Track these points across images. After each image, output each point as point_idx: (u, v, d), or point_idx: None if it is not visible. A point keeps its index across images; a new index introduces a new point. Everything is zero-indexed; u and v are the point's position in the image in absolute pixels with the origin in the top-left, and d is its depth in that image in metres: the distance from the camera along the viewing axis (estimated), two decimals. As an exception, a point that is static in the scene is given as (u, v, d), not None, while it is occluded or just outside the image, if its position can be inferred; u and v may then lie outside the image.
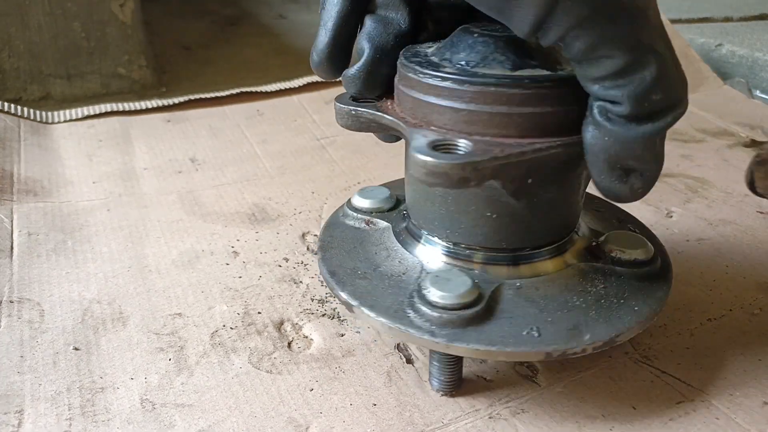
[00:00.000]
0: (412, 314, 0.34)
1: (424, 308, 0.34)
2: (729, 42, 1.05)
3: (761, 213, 0.61)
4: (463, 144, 0.31)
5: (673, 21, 1.09)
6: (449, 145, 0.31)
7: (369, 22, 0.37)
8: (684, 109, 0.31)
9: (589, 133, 0.31)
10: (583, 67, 0.29)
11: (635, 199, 0.33)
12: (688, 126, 0.82)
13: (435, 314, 0.33)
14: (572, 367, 0.42)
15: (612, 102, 0.30)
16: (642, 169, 0.32)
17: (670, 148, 0.74)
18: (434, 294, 0.34)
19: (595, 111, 0.30)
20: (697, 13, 1.25)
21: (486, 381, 0.41)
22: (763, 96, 0.96)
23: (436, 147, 0.31)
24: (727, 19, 1.23)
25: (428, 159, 0.30)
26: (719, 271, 0.52)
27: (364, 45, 0.37)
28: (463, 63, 0.34)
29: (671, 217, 0.60)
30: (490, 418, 0.38)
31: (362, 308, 0.36)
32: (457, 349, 0.33)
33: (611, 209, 0.47)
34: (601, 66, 0.28)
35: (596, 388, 0.40)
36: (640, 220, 0.46)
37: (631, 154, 0.31)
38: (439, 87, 0.33)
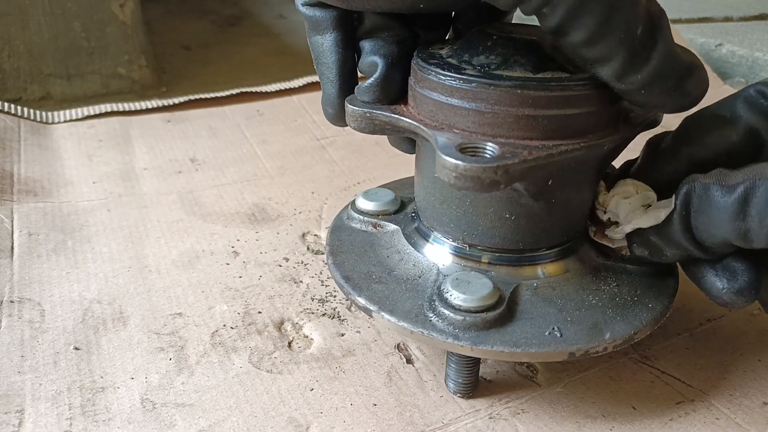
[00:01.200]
0: (433, 318, 0.34)
1: (446, 311, 0.34)
2: (729, 42, 1.05)
3: (761, 213, 0.61)
4: (490, 147, 0.31)
5: (673, 21, 1.09)
6: (476, 148, 0.31)
7: (369, 44, 0.37)
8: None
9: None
10: (567, 34, 0.29)
11: (702, 96, 0.34)
12: (688, 126, 0.81)
13: (458, 317, 0.33)
14: (572, 367, 0.42)
15: (599, 63, 0.30)
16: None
17: (670, 148, 0.75)
18: (456, 297, 0.34)
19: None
20: (697, 13, 1.25)
21: (486, 381, 0.41)
22: (763, 96, 0.96)
23: (463, 150, 0.31)
24: (727, 19, 1.24)
25: (459, 162, 0.29)
26: (719, 271, 0.52)
27: (374, 59, 0.36)
28: (484, 65, 0.34)
29: (671, 217, 0.60)
30: (490, 418, 0.38)
31: (382, 313, 0.35)
32: (482, 351, 0.33)
33: None
34: (583, 27, 0.28)
35: (596, 388, 0.40)
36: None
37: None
38: (463, 89, 0.33)
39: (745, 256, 0.33)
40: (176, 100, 0.83)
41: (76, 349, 0.43)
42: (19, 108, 0.77)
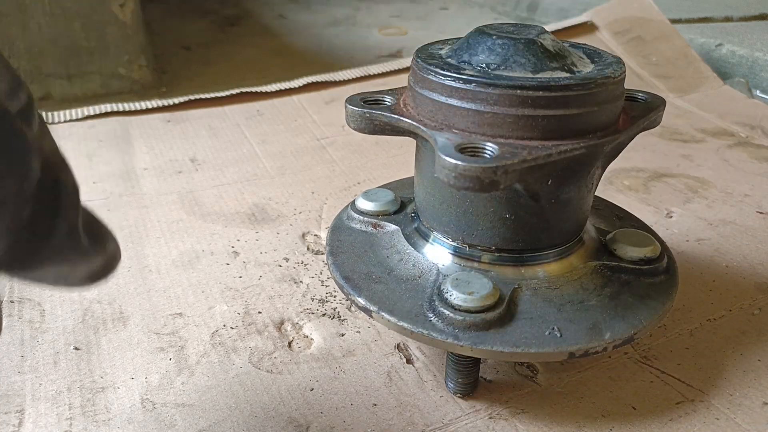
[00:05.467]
0: (433, 318, 0.34)
1: (446, 311, 0.34)
2: (729, 42, 1.05)
3: (761, 213, 0.61)
4: (489, 147, 0.31)
5: (673, 21, 1.09)
6: (475, 148, 0.31)
7: None
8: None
9: None
10: None
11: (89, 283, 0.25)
12: (688, 126, 0.82)
13: (458, 317, 0.33)
14: (572, 367, 0.42)
15: None
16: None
17: (670, 148, 0.75)
18: (456, 297, 0.34)
19: None
20: (697, 13, 1.25)
21: (486, 381, 0.41)
22: (763, 96, 0.96)
23: (462, 150, 0.31)
24: (727, 19, 1.24)
25: (459, 162, 0.29)
26: (719, 271, 0.52)
27: None
28: (483, 65, 0.34)
29: (671, 217, 0.60)
30: (490, 418, 0.38)
31: (382, 313, 0.35)
32: (482, 351, 0.33)
33: (609, 207, 0.47)
34: None
35: (596, 388, 0.40)
36: (639, 218, 0.46)
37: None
38: (462, 89, 0.33)
39: None
40: (176, 100, 0.83)
41: (76, 349, 0.43)
42: (19, 108, 0.77)
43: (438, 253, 0.39)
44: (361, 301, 0.37)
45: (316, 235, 0.57)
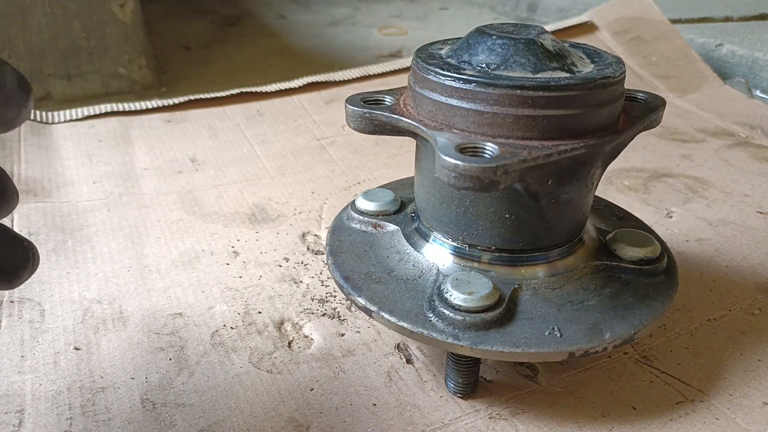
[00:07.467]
0: (433, 318, 0.34)
1: (446, 311, 0.34)
2: (729, 42, 1.05)
3: (761, 213, 0.61)
4: (489, 147, 0.31)
5: (673, 21, 1.09)
6: (476, 148, 0.31)
7: None
8: None
9: None
10: None
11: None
12: (688, 126, 0.82)
13: (458, 317, 0.34)
14: (572, 367, 0.42)
15: None
16: None
17: (670, 148, 0.75)
18: (456, 297, 0.34)
19: None
20: (697, 13, 1.25)
21: (486, 381, 0.41)
22: (763, 96, 0.96)
23: (462, 150, 0.31)
24: (727, 19, 1.24)
25: (459, 162, 0.29)
26: (719, 271, 0.52)
27: None
28: (483, 65, 0.34)
29: (671, 217, 0.60)
30: (490, 418, 0.38)
31: (382, 313, 0.35)
32: (482, 351, 0.33)
33: (609, 207, 0.47)
34: None
35: (596, 388, 0.40)
36: (639, 218, 0.46)
37: None
38: (462, 89, 0.33)
39: None
40: (176, 100, 0.83)
41: (76, 349, 0.43)
42: (19, 108, 0.76)
43: (438, 253, 0.39)
44: (361, 301, 0.37)
45: (316, 235, 0.57)
